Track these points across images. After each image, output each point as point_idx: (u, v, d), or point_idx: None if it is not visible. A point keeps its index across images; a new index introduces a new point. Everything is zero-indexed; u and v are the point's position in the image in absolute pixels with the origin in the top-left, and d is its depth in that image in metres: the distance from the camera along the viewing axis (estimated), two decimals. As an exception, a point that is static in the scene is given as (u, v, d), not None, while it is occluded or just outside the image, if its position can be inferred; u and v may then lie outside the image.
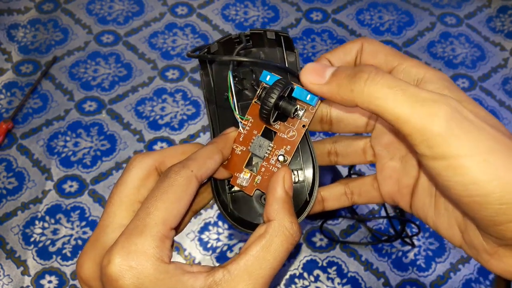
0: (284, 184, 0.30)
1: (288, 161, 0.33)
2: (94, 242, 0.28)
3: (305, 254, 0.67)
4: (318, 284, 0.65)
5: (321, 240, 0.68)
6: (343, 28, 0.88)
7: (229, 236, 0.68)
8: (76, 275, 0.29)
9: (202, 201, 0.35)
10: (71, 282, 0.65)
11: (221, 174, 0.33)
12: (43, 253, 0.67)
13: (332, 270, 0.66)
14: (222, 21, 0.89)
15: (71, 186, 0.72)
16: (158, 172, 0.31)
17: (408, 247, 0.67)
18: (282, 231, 0.28)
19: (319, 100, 0.33)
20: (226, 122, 0.35)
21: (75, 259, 0.66)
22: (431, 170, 0.25)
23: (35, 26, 0.88)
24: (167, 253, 0.26)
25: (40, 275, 0.65)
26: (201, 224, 0.69)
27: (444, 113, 0.24)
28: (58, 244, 0.67)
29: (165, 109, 0.79)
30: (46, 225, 0.69)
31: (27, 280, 0.65)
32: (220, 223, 0.69)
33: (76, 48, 0.85)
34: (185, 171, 0.28)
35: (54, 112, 0.78)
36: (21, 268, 0.66)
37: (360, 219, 0.68)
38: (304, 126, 0.33)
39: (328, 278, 0.65)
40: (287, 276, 0.65)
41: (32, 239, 0.67)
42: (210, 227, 0.68)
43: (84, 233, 0.68)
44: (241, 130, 0.34)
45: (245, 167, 0.34)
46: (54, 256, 0.66)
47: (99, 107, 0.79)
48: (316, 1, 0.92)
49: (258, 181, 0.33)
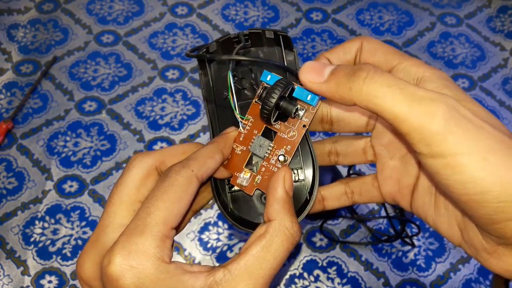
0: (285, 184, 0.30)
1: (289, 161, 0.33)
2: (94, 242, 0.28)
3: (305, 254, 0.67)
4: (318, 284, 0.65)
5: (321, 240, 0.67)
6: (343, 28, 0.88)
7: (229, 236, 0.68)
8: (76, 275, 0.29)
9: (202, 201, 0.35)
10: (71, 282, 0.65)
11: (221, 174, 0.33)
12: (43, 253, 0.67)
13: (332, 270, 0.66)
14: (222, 21, 0.89)
15: (71, 186, 0.72)
16: (158, 172, 0.31)
17: (408, 247, 0.67)
18: (283, 231, 0.28)
19: (320, 100, 0.33)
20: (226, 122, 0.35)
21: (75, 259, 0.66)
22: (430, 169, 0.25)
23: (35, 26, 0.88)
24: (168, 253, 0.26)
25: (40, 275, 0.65)
26: (201, 224, 0.69)
27: (442, 112, 0.24)
28: (58, 244, 0.67)
29: (165, 109, 0.79)
30: (46, 225, 0.69)
31: (27, 280, 0.65)
32: (220, 223, 0.69)
33: (76, 48, 0.85)
34: (186, 171, 0.28)
35: (54, 112, 0.78)
36: (21, 268, 0.66)
37: (360, 219, 0.68)
38: (305, 126, 0.33)
39: (328, 278, 0.65)
40: (287, 276, 0.65)
41: (32, 239, 0.67)
42: (210, 227, 0.68)
43: (84, 233, 0.68)
44: (241, 130, 0.34)
45: (245, 167, 0.34)
46: (54, 256, 0.66)
47: (99, 107, 0.79)
48: (316, 1, 0.92)
49: (258, 181, 0.33)
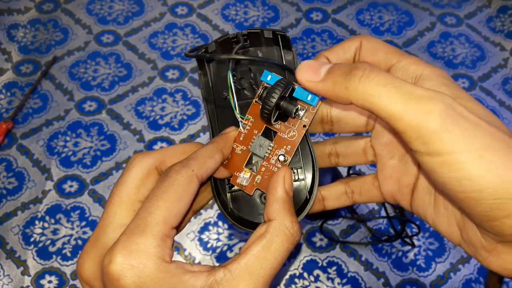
0: (285, 184, 0.30)
1: (289, 161, 0.33)
2: (95, 242, 0.28)
3: (305, 254, 0.67)
4: (318, 284, 0.65)
5: (321, 240, 0.67)
6: (343, 28, 0.88)
7: (229, 236, 0.68)
8: (77, 275, 0.29)
9: (202, 201, 0.35)
10: (71, 282, 0.65)
11: (221, 174, 0.33)
12: (43, 253, 0.67)
13: (332, 270, 0.66)
14: (222, 21, 0.89)
15: (71, 186, 0.72)
16: (158, 172, 0.31)
17: (408, 247, 0.67)
18: (283, 231, 0.28)
19: (320, 101, 0.33)
20: (225, 122, 0.35)
21: (75, 259, 0.66)
22: (427, 167, 0.25)
23: (35, 26, 0.88)
24: (168, 252, 0.26)
25: (40, 275, 0.65)
26: (201, 224, 0.69)
27: (439, 110, 0.24)
28: (58, 244, 0.67)
29: (165, 109, 0.79)
30: (46, 225, 0.69)
31: (27, 280, 0.65)
32: (220, 223, 0.69)
33: (76, 48, 0.85)
34: (186, 171, 0.28)
35: (54, 112, 0.78)
36: (21, 268, 0.66)
37: (360, 219, 0.68)
38: (305, 126, 0.33)
39: (328, 278, 0.65)
40: (287, 276, 0.65)
41: (32, 239, 0.67)
42: (210, 227, 0.68)
43: (84, 233, 0.68)
44: (242, 130, 0.34)
45: (245, 167, 0.34)
46: (54, 256, 0.66)
47: (99, 107, 0.79)
48: (316, 1, 0.92)
49: (258, 181, 0.33)
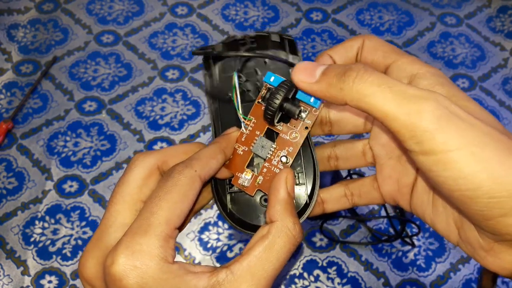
0: (287, 185, 0.30)
1: (290, 162, 0.33)
2: (97, 242, 0.28)
3: (305, 254, 0.67)
4: (318, 284, 0.65)
5: (321, 240, 0.68)
6: (343, 28, 0.88)
7: (229, 236, 0.68)
8: (78, 274, 0.29)
9: (203, 201, 0.35)
10: (71, 282, 0.65)
11: (223, 174, 0.33)
12: (43, 253, 0.67)
13: (332, 270, 0.66)
14: (222, 21, 0.89)
15: (71, 186, 0.72)
16: (160, 172, 0.31)
17: (408, 247, 0.67)
18: (285, 232, 0.28)
19: (323, 103, 0.33)
20: (228, 122, 0.35)
21: (75, 259, 0.66)
22: (422, 166, 0.25)
23: (35, 26, 0.88)
24: (171, 253, 0.26)
25: (40, 275, 0.65)
26: (201, 224, 0.69)
27: (432, 109, 0.24)
28: (58, 244, 0.67)
29: (165, 109, 0.79)
30: (46, 225, 0.68)
31: (27, 280, 0.65)
32: (220, 223, 0.69)
33: (76, 48, 0.85)
34: (189, 171, 0.28)
35: (54, 112, 0.78)
36: (21, 268, 0.66)
37: (360, 219, 0.68)
38: (307, 128, 0.33)
39: (328, 278, 0.65)
40: (287, 276, 0.65)
41: (32, 239, 0.67)
42: (210, 227, 0.68)
43: (84, 233, 0.68)
44: (244, 130, 0.34)
45: (247, 167, 0.34)
46: (54, 256, 0.66)
47: (99, 107, 0.79)
48: (316, 1, 0.92)
49: (260, 182, 0.33)
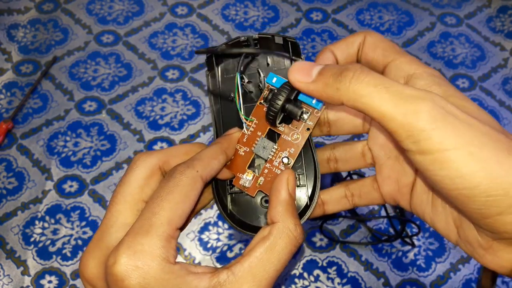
0: (288, 187, 0.30)
1: (292, 164, 0.33)
2: (98, 242, 0.28)
3: (305, 254, 0.67)
4: (318, 284, 0.65)
5: (321, 240, 0.68)
6: (343, 28, 0.88)
7: (229, 236, 0.68)
8: (79, 275, 0.29)
9: (203, 201, 0.35)
10: (71, 282, 0.65)
11: (224, 175, 0.33)
12: (43, 253, 0.67)
13: (332, 270, 0.66)
14: (222, 21, 0.89)
15: (71, 186, 0.72)
16: (162, 172, 0.30)
17: (408, 247, 0.67)
18: (286, 233, 0.28)
19: (324, 105, 0.33)
20: (230, 123, 0.35)
21: (75, 259, 0.66)
22: (419, 165, 0.25)
23: (35, 26, 0.88)
24: (173, 253, 0.26)
25: (40, 275, 0.65)
26: (201, 224, 0.69)
27: (428, 109, 0.24)
28: (58, 244, 0.67)
29: (165, 109, 0.79)
30: (46, 225, 0.68)
31: (27, 280, 0.65)
32: (220, 223, 0.69)
33: (76, 48, 0.85)
34: (191, 171, 0.28)
35: (54, 112, 0.78)
36: (21, 268, 0.65)
37: (360, 219, 0.68)
38: (309, 129, 0.33)
39: (328, 278, 0.65)
40: (287, 276, 0.65)
41: (32, 239, 0.67)
42: (210, 227, 0.68)
43: (84, 233, 0.68)
44: (245, 131, 0.34)
45: (248, 168, 0.34)
46: (54, 256, 0.66)
47: (99, 107, 0.79)
48: (316, 1, 0.92)
49: (261, 183, 0.33)
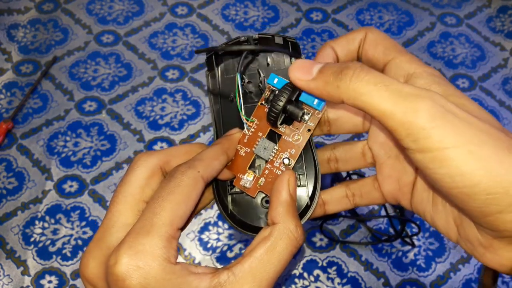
0: (289, 187, 0.30)
1: (292, 165, 0.33)
2: (98, 242, 0.28)
3: (305, 254, 0.67)
4: (318, 284, 0.65)
5: (321, 240, 0.68)
6: (343, 28, 0.88)
7: (229, 236, 0.68)
8: (79, 275, 0.29)
9: (204, 202, 0.35)
10: (71, 282, 0.65)
11: (225, 175, 0.33)
12: (43, 253, 0.67)
13: (332, 270, 0.66)
14: (222, 21, 0.89)
15: (71, 186, 0.72)
16: (163, 172, 0.30)
17: (408, 247, 0.67)
18: (287, 234, 0.28)
19: (325, 106, 0.33)
20: (230, 123, 0.35)
21: (75, 259, 0.66)
22: (419, 164, 0.25)
23: (35, 26, 0.88)
24: (174, 254, 0.26)
25: (40, 275, 0.65)
26: (201, 224, 0.69)
27: (427, 107, 0.24)
28: (58, 244, 0.67)
29: (165, 109, 0.79)
30: (46, 225, 0.68)
31: (27, 280, 0.65)
32: (220, 223, 0.69)
33: (76, 48, 0.85)
34: (192, 172, 0.28)
35: (54, 112, 0.78)
36: (21, 268, 0.65)
37: (360, 219, 0.68)
38: (309, 130, 0.33)
39: (328, 278, 0.65)
40: (287, 276, 0.65)
41: (32, 239, 0.67)
42: (210, 227, 0.68)
43: (84, 233, 0.68)
44: (246, 132, 0.34)
45: (248, 169, 0.34)
46: (54, 256, 0.66)
47: (99, 107, 0.79)
48: (316, 1, 0.92)
49: (262, 183, 0.33)
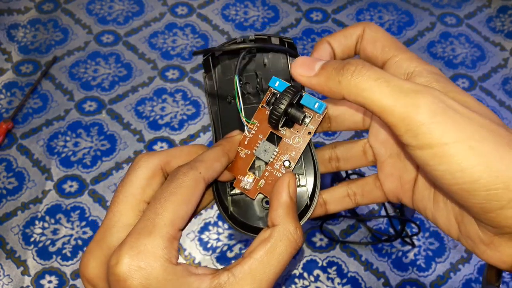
0: (289, 190, 0.30)
1: (293, 167, 0.33)
2: (99, 242, 0.28)
3: (305, 254, 0.67)
4: (318, 284, 0.65)
5: (321, 240, 0.68)
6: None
7: (229, 236, 0.68)
8: (79, 275, 0.29)
9: (203, 202, 0.35)
10: (71, 282, 0.65)
11: (225, 177, 0.33)
12: (43, 253, 0.67)
13: (332, 270, 0.66)
14: (222, 21, 0.89)
15: (71, 186, 0.72)
16: (163, 173, 0.31)
17: (408, 247, 0.67)
18: (287, 236, 0.28)
19: (326, 109, 0.33)
20: (228, 125, 0.35)
21: (75, 259, 0.66)
22: (419, 160, 0.25)
23: (35, 26, 0.88)
24: (175, 254, 0.26)
25: (40, 275, 0.65)
26: (201, 224, 0.69)
27: (427, 103, 0.24)
28: (58, 244, 0.67)
29: (165, 109, 0.79)
30: (46, 225, 0.68)
31: (27, 280, 0.65)
32: (220, 223, 0.69)
33: (76, 48, 0.85)
34: (194, 173, 0.28)
35: (54, 112, 0.78)
36: (21, 268, 0.66)
37: (360, 219, 0.68)
38: (310, 133, 0.33)
39: (328, 278, 0.65)
40: (287, 276, 0.65)
41: (32, 239, 0.67)
42: (210, 227, 0.69)
43: (84, 233, 0.68)
44: (247, 134, 0.34)
45: (248, 170, 0.34)
46: (54, 256, 0.66)
47: (99, 107, 0.79)
48: (316, 1, 0.92)
49: (262, 185, 0.33)
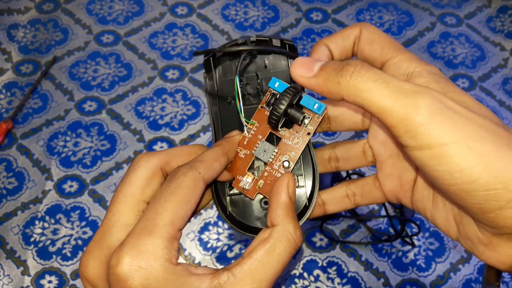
0: (288, 190, 0.30)
1: (292, 167, 0.33)
2: (99, 242, 0.28)
3: (305, 254, 0.67)
4: (318, 284, 0.65)
5: (321, 240, 0.68)
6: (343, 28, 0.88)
7: (229, 236, 0.68)
8: (79, 275, 0.29)
9: (203, 202, 0.35)
10: (71, 282, 0.65)
11: (224, 177, 0.33)
12: (43, 253, 0.67)
13: (332, 270, 0.66)
14: (222, 21, 0.89)
15: (71, 186, 0.72)
16: (163, 173, 0.31)
17: (408, 247, 0.67)
18: (286, 236, 0.28)
19: (326, 110, 0.33)
20: (228, 125, 0.35)
21: (75, 259, 0.66)
22: (418, 161, 0.25)
23: (35, 26, 0.88)
24: (175, 254, 0.26)
25: (40, 275, 0.65)
26: (201, 224, 0.69)
27: (426, 104, 0.24)
28: (58, 244, 0.67)
29: (165, 109, 0.79)
30: (46, 225, 0.69)
31: (27, 280, 0.65)
32: (220, 223, 0.69)
33: (76, 48, 0.85)
34: (193, 173, 0.28)
35: (54, 112, 0.78)
36: (21, 268, 0.66)
37: (360, 219, 0.68)
38: (309, 134, 0.33)
39: (328, 278, 0.65)
40: (287, 276, 0.65)
41: (32, 239, 0.67)
42: (210, 227, 0.69)
43: (84, 233, 0.68)
44: (246, 134, 0.34)
45: (247, 171, 0.34)
46: (54, 256, 0.66)
47: (99, 107, 0.79)
48: (316, 1, 0.92)
49: (261, 185, 0.33)
